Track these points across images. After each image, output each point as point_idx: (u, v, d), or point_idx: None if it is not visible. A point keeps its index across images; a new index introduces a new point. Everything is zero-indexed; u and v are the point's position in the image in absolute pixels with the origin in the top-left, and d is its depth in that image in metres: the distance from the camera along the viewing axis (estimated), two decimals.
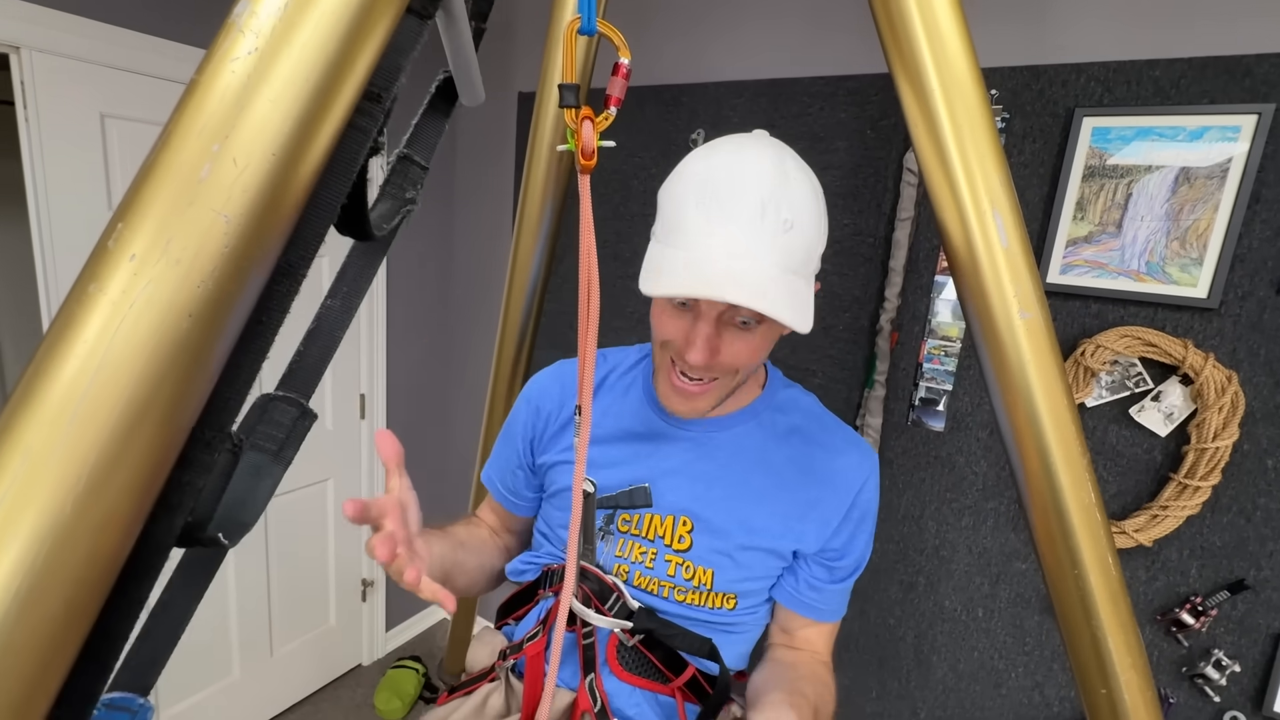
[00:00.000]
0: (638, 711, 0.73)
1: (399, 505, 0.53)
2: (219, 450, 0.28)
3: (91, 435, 0.24)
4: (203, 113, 0.25)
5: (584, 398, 0.54)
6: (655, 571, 0.74)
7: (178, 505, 0.27)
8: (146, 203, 0.25)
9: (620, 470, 0.76)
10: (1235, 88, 1.14)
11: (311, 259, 0.30)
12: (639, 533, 0.75)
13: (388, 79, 0.32)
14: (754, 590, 0.76)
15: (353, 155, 0.31)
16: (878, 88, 1.45)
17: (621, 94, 0.50)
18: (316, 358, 0.41)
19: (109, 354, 0.24)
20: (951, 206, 0.48)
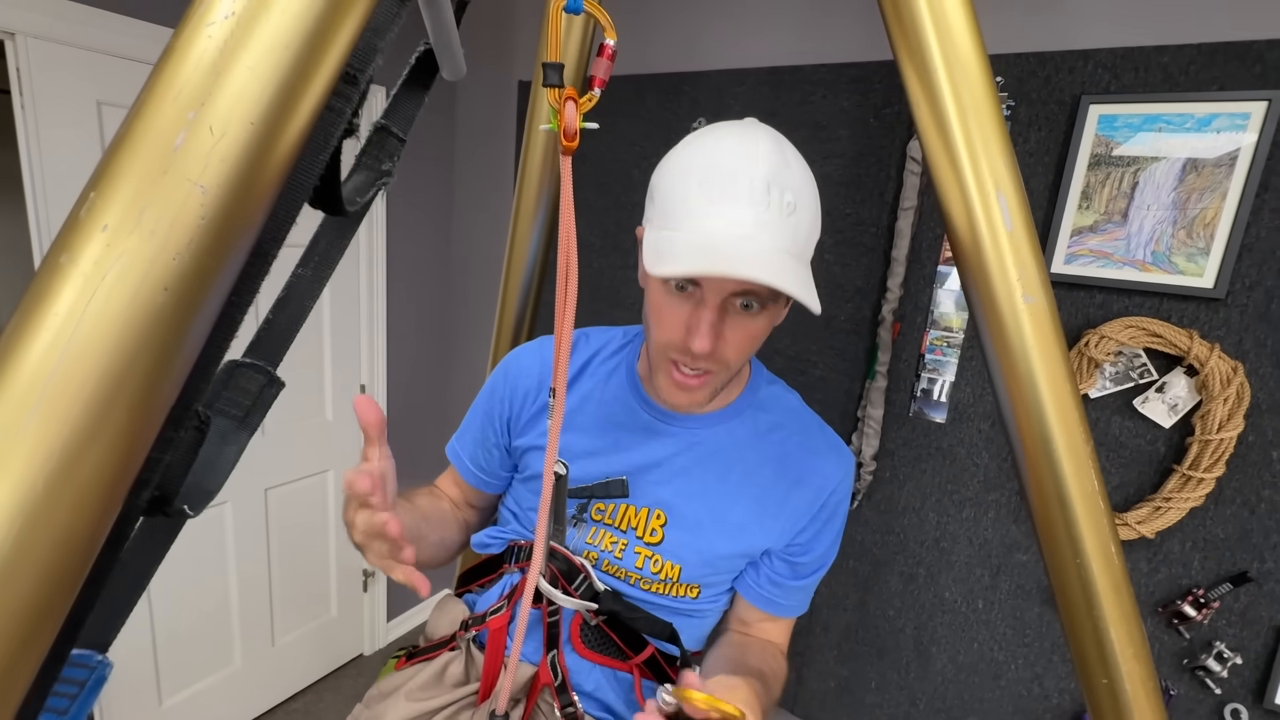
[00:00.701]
0: (595, 687, 0.76)
1: (381, 478, 0.54)
2: (185, 427, 0.27)
3: (63, 411, 0.23)
4: (177, 79, 0.25)
5: (559, 380, 0.53)
6: (623, 562, 0.75)
7: (144, 481, 0.27)
8: (119, 172, 0.24)
9: (599, 461, 0.76)
10: (1245, 74, 1.12)
11: (283, 239, 0.29)
12: (611, 522, 0.75)
13: (364, 60, 0.32)
14: (718, 582, 0.78)
15: (327, 135, 0.30)
16: (881, 75, 1.43)
17: (606, 75, 0.49)
18: (285, 326, 0.40)
19: (81, 328, 0.23)
20: (954, 188, 0.47)
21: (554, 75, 0.48)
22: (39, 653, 0.24)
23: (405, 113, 0.48)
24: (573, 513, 0.77)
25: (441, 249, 2.30)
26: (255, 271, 0.29)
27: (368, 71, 0.31)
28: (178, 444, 0.28)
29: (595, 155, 1.83)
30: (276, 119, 0.26)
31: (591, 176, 1.86)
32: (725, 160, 0.57)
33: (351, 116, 0.31)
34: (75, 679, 0.30)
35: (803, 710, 1.73)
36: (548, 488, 0.57)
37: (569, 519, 0.77)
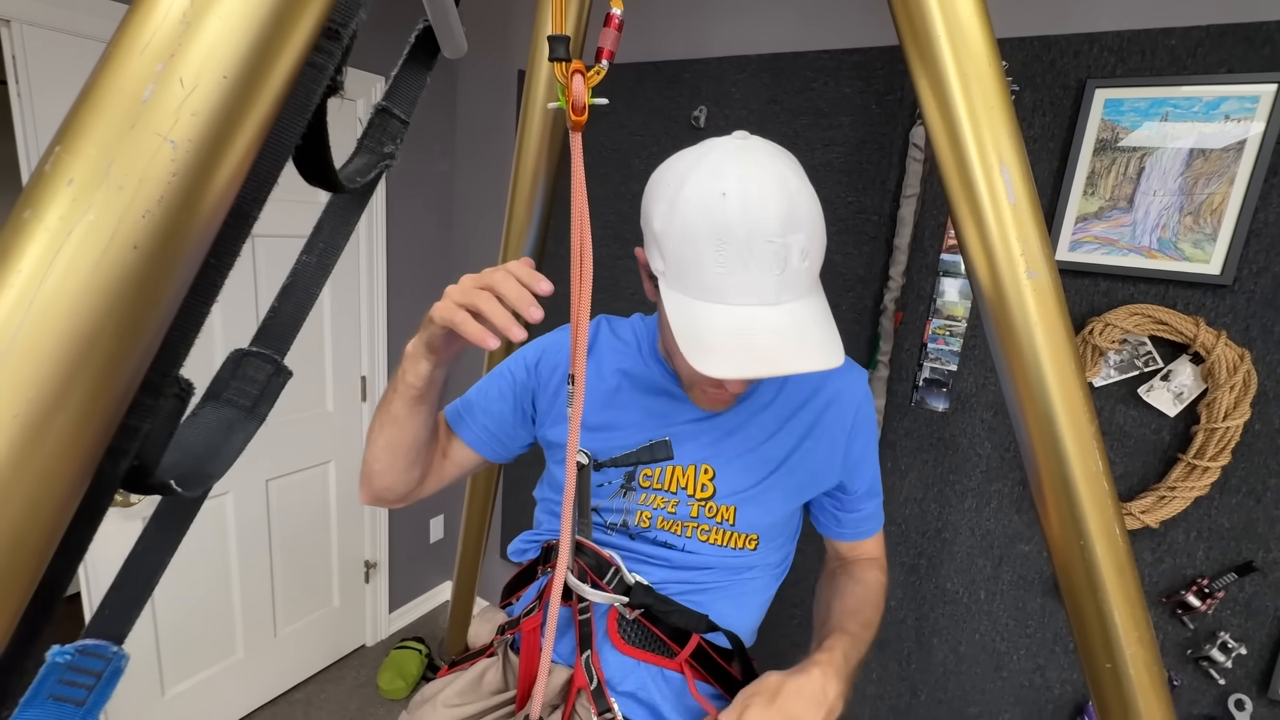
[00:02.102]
0: (639, 687, 0.73)
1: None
2: (164, 395, 0.27)
3: (29, 373, 0.22)
4: (146, 29, 0.24)
5: (577, 366, 0.54)
6: (678, 515, 0.76)
7: (121, 450, 0.26)
8: (85, 125, 0.23)
9: (642, 430, 0.77)
10: (1254, 56, 1.10)
11: (264, 200, 0.28)
12: (661, 486, 0.77)
13: (346, 13, 0.30)
14: (774, 528, 0.79)
15: (308, 92, 0.29)
16: (883, 61, 1.41)
17: (614, 46, 0.48)
18: (291, 314, 0.40)
19: (46, 286, 0.22)
20: (956, 159, 0.46)
21: (560, 48, 0.47)
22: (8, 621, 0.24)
23: (407, 94, 0.47)
24: (621, 482, 0.78)
25: (442, 239, 2.30)
26: (235, 234, 0.28)
27: (350, 25, 0.30)
28: (157, 412, 0.27)
29: (594, 145, 1.81)
30: (252, 72, 0.25)
31: (591, 166, 1.85)
32: (735, 221, 0.55)
33: (335, 74, 0.30)
34: (91, 669, 0.30)
35: None
36: (571, 479, 0.58)
37: (618, 489, 0.78)
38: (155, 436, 0.27)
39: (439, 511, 2.58)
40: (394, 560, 2.40)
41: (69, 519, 0.25)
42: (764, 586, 0.83)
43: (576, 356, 0.53)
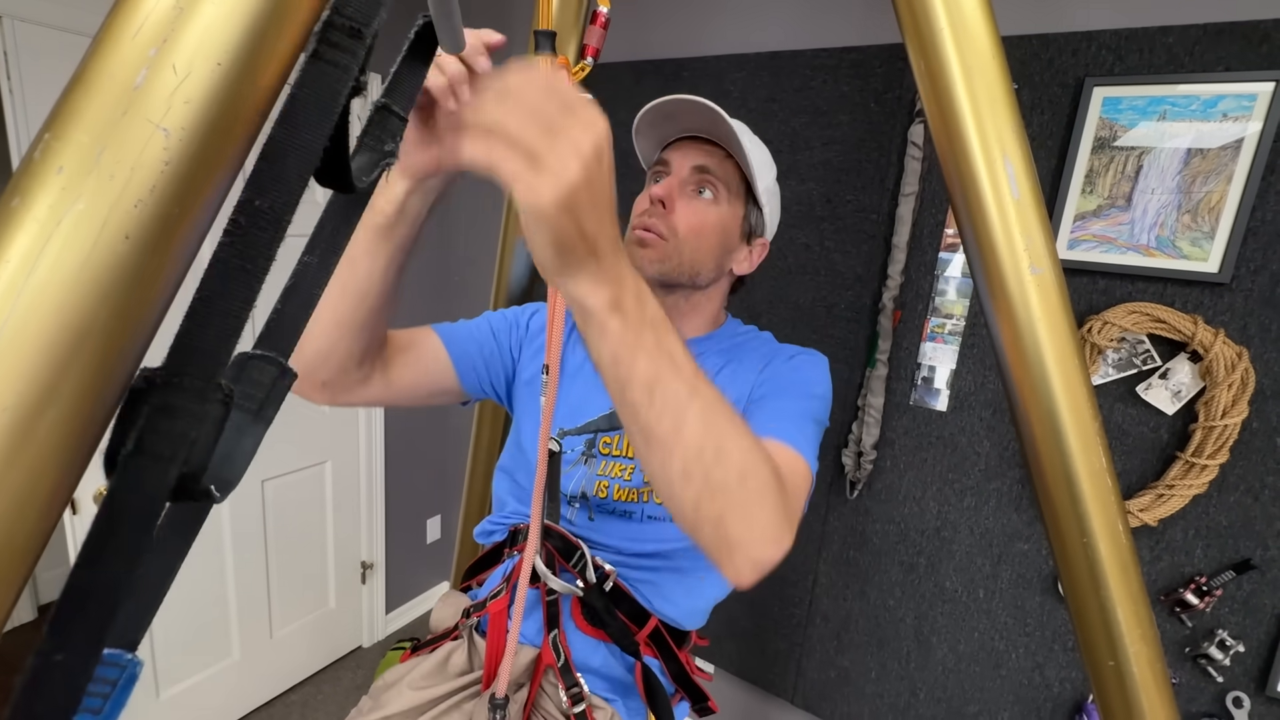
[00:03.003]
0: (603, 663, 0.76)
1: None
2: (210, 400, 0.26)
3: (16, 368, 0.22)
4: (138, 13, 0.23)
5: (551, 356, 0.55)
6: (633, 482, 0.76)
7: (171, 456, 0.26)
8: (76, 112, 0.22)
9: (603, 398, 0.78)
10: (1252, 55, 1.10)
11: (295, 205, 0.28)
12: (620, 453, 0.77)
13: (368, 12, 0.30)
14: None
15: (333, 93, 0.29)
16: (882, 60, 1.41)
17: (599, 44, 0.48)
18: (294, 316, 0.39)
19: (35, 277, 0.22)
20: (959, 154, 0.45)
21: (545, 43, 0.47)
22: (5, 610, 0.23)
23: (406, 91, 0.46)
24: (582, 449, 0.78)
25: (439, 237, 2.29)
26: (269, 238, 0.27)
27: (373, 24, 0.30)
28: (204, 418, 0.27)
29: None
30: (247, 60, 0.25)
31: None
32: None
33: (358, 74, 0.30)
34: (107, 678, 0.29)
35: (803, 700, 1.73)
36: (543, 464, 0.58)
37: (579, 457, 0.78)
38: (203, 443, 0.27)
39: (436, 512, 2.58)
40: (390, 561, 2.39)
41: (59, 516, 0.24)
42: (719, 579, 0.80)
43: (551, 346, 0.53)
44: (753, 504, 0.45)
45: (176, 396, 0.26)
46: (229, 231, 0.26)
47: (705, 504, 0.44)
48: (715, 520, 0.44)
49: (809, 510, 1.61)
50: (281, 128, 0.27)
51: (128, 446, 0.25)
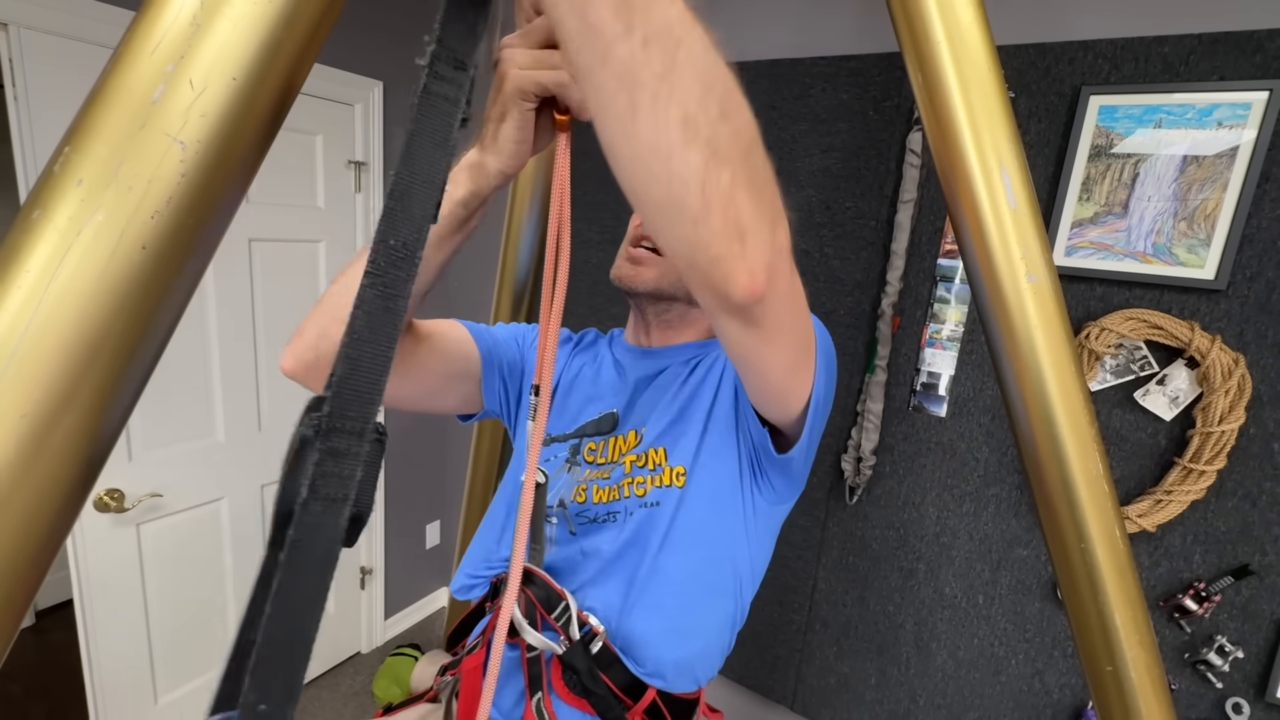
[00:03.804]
0: None
1: None
2: (367, 439, 0.27)
3: (36, 373, 0.22)
4: (156, 31, 0.24)
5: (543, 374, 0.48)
6: (611, 480, 0.72)
7: (342, 498, 0.26)
8: (95, 126, 0.23)
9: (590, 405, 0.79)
10: (1246, 64, 1.11)
11: (425, 239, 0.29)
12: (604, 460, 0.74)
13: (469, 43, 0.31)
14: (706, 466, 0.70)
15: (447, 126, 0.30)
16: (880, 68, 1.42)
17: None
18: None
19: (54, 286, 0.22)
20: (957, 164, 0.46)
21: None
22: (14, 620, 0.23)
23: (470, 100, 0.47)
24: (566, 456, 0.76)
25: None
26: (405, 274, 0.28)
27: (475, 56, 0.31)
28: (366, 458, 0.27)
29: (595, 150, 1.81)
30: (260, 75, 0.25)
31: (592, 171, 1.85)
32: None
33: (466, 104, 0.31)
34: None
35: (802, 707, 1.73)
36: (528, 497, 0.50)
37: (563, 464, 0.75)
38: (366, 482, 0.27)
39: (435, 517, 2.57)
40: (389, 566, 2.39)
41: (73, 521, 0.25)
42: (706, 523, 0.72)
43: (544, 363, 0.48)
44: (761, 181, 0.37)
45: (341, 440, 0.27)
46: (370, 274, 0.27)
47: (712, 172, 0.34)
48: (724, 197, 0.35)
49: (809, 516, 1.62)
50: (405, 165, 0.28)
51: (302, 494, 0.25)
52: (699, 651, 0.70)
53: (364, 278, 0.27)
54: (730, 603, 0.72)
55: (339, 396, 0.27)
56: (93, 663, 1.63)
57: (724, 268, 0.37)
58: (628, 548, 0.69)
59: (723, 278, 0.38)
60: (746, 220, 0.36)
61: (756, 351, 0.49)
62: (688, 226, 0.36)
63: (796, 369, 0.55)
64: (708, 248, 0.37)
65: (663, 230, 0.38)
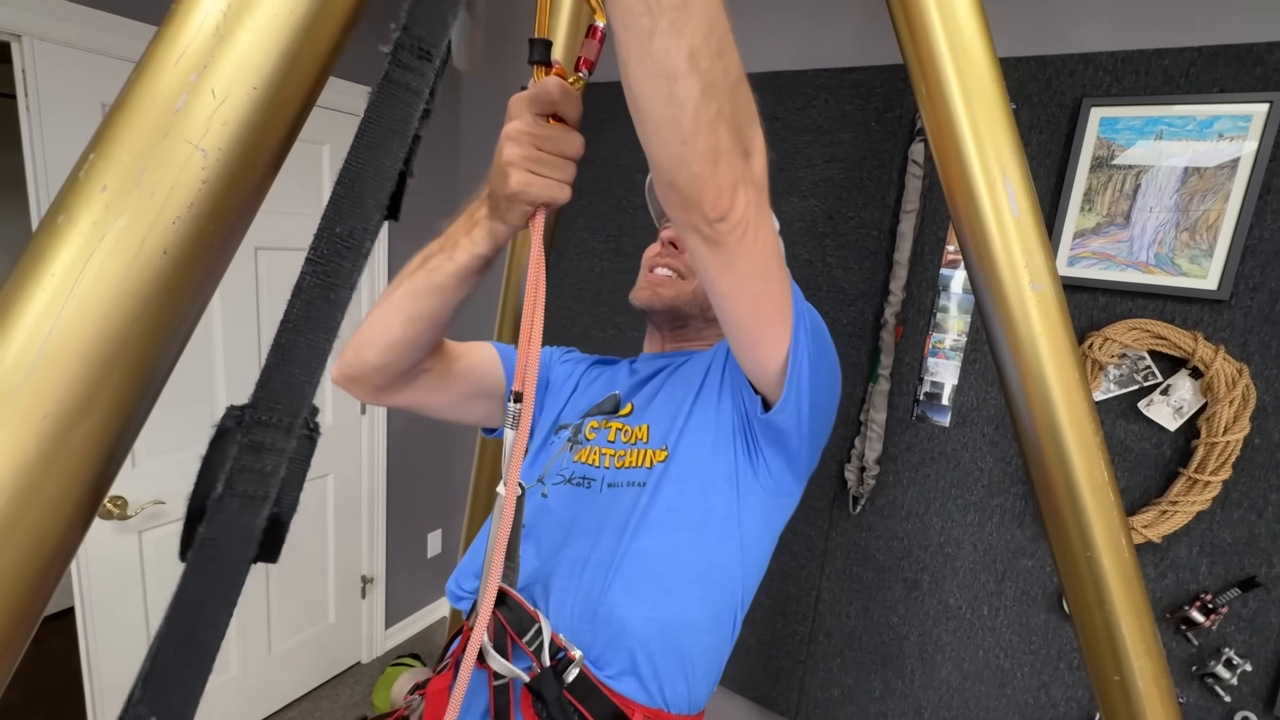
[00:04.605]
0: None
1: None
2: (295, 434, 0.26)
3: (59, 375, 0.22)
4: (179, 41, 0.24)
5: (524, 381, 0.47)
6: (595, 441, 0.75)
7: (261, 496, 0.25)
8: (119, 133, 0.24)
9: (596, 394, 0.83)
10: (1246, 76, 1.12)
11: (375, 231, 0.28)
12: (605, 439, 0.76)
13: (436, 32, 0.30)
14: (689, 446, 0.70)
15: (406, 116, 0.29)
16: (882, 80, 1.43)
17: (594, 57, 0.49)
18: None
19: (79, 290, 0.23)
20: (960, 175, 0.46)
21: (539, 51, 0.47)
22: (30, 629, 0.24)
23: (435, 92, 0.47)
24: (569, 436, 0.78)
25: None
26: (351, 266, 0.27)
27: (441, 46, 0.30)
28: (292, 454, 0.26)
29: (598, 160, 1.83)
30: (280, 84, 0.26)
31: (595, 181, 1.87)
32: None
33: (430, 96, 0.30)
34: None
35: (805, 719, 1.71)
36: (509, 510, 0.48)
37: (565, 442, 0.78)
38: (290, 482, 0.26)
39: (437, 526, 2.57)
40: (391, 575, 2.38)
41: (90, 522, 0.25)
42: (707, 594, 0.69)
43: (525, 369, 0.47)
44: (742, 117, 0.45)
45: (264, 434, 0.25)
46: (311, 260, 0.26)
47: (705, 101, 0.41)
48: (710, 125, 0.42)
49: (812, 526, 1.62)
50: (357, 153, 0.27)
51: (217, 489, 0.24)
52: (688, 648, 0.66)
53: (305, 264, 0.26)
54: (721, 596, 0.69)
55: (265, 387, 0.25)
56: (93, 671, 1.63)
57: (699, 184, 0.45)
58: (603, 523, 0.68)
59: (697, 192, 0.45)
60: (724, 147, 0.44)
61: (720, 275, 0.53)
62: (676, 145, 0.43)
63: (761, 310, 0.57)
64: (689, 165, 0.44)
65: (654, 143, 0.44)
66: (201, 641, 0.24)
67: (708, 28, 0.39)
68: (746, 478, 0.69)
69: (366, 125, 0.28)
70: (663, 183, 0.47)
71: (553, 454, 0.79)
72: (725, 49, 0.41)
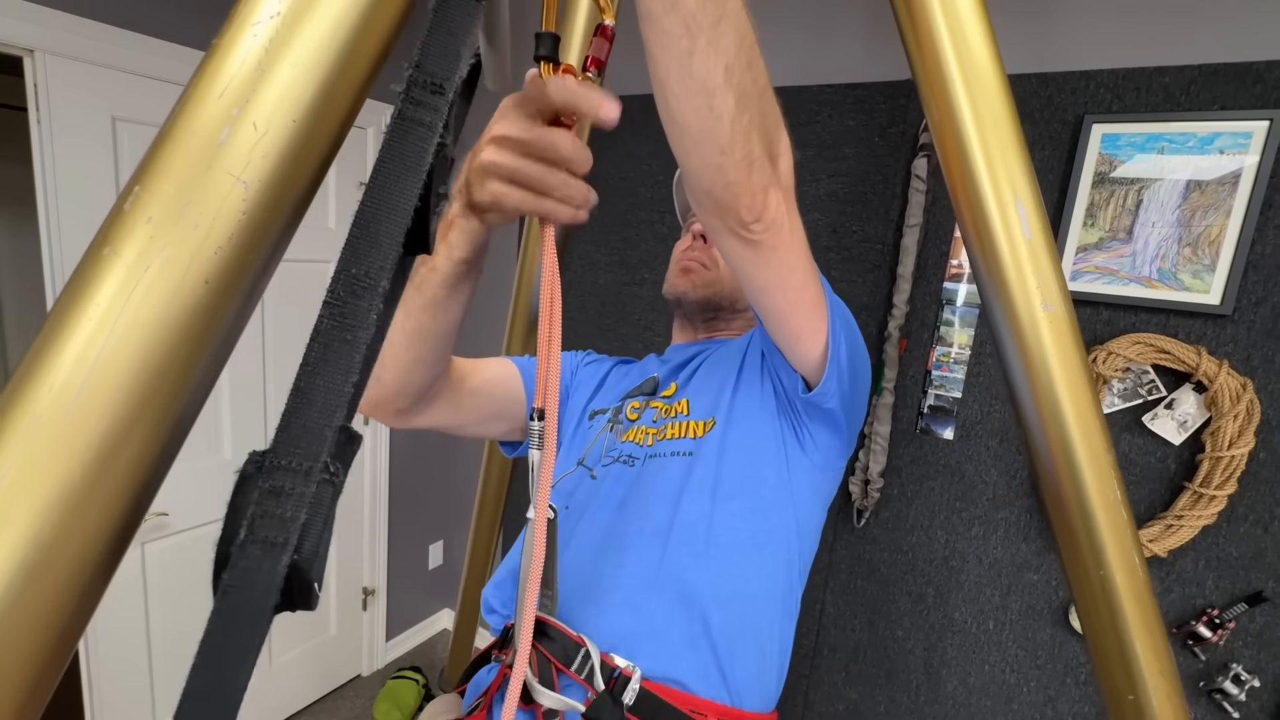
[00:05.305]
0: None
1: None
2: (315, 479, 0.25)
3: (104, 401, 0.23)
4: (223, 76, 0.25)
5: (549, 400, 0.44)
6: (640, 421, 0.76)
7: (281, 543, 0.24)
8: (164, 166, 0.24)
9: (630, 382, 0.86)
10: (1246, 94, 1.13)
11: (391, 269, 0.27)
12: (646, 413, 0.78)
13: (447, 66, 0.29)
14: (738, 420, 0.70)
15: (420, 152, 0.28)
16: (885, 95, 1.45)
17: (602, 55, 0.47)
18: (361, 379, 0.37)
19: (123, 319, 0.23)
20: (973, 198, 0.47)
21: (546, 45, 0.45)
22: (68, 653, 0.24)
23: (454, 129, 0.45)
24: (609, 418, 0.80)
25: None
26: (366, 304, 0.26)
27: (454, 79, 0.29)
28: (311, 500, 0.25)
29: (602, 173, 1.85)
30: (317, 116, 0.26)
31: (599, 194, 1.88)
32: None
33: (444, 130, 0.29)
34: None
35: None
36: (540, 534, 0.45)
37: (606, 423, 0.79)
38: (311, 528, 0.25)
39: (438, 537, 2.56)
40: (392, 587, 2.37)
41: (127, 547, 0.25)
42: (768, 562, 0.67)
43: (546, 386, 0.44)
44: (770, 122, 0.47)
45: (283, 478, 0.25)
46: (328, 303, 0.26)
47: (740, 112, 0.43)
48: (744, 133, 0.44)
49: None
50: (372, 192, 0.27)
51: (240, 535, 0.24)
52: (753, 621, 0.64)
53: (323, 307, 0.26)
54: (779, 568, 0.68)
55: (284, 431, 0.25)
56: (92, 683, 1.62)
57: (735, 190, 0.46)
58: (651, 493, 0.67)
59: (733, 198, 0.47)
60: (756, 154, 0.46)
61: (757, 273, 0.55)
62: (715, 155, 0.45)
63: (800, 302, 0.59)
64: (726, 173, 0.45)
65: (693, 155, 0.46)
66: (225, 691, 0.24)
67: (739, 42, 0.42)
68: (795, 452, 0.70)
69: (381, 164, 0.28)
70: (700, 191, 0.48)
71: (591, 437, 0.80)
72: (754, 59, 0.44)
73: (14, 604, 0.22)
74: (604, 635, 0.60)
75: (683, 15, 0.38)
